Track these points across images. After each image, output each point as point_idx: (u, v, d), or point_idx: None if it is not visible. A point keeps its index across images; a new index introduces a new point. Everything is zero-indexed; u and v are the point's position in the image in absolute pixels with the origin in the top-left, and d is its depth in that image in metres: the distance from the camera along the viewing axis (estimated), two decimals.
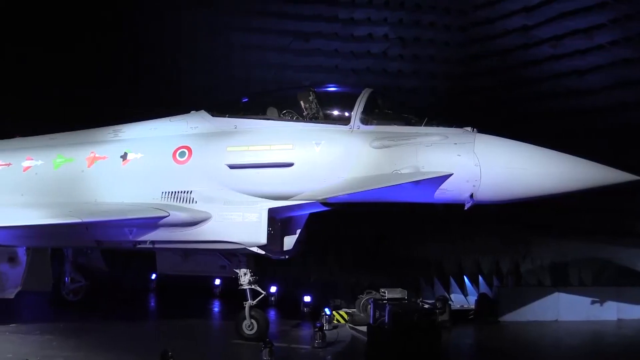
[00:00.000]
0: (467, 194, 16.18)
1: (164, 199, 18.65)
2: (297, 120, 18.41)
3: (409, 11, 28.57)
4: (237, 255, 19.19)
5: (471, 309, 23.14)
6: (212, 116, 19.32)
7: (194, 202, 18.36)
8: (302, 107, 18.38)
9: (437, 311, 19.31)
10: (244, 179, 18.01)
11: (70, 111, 27.80)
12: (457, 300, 24.75)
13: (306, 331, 20.31)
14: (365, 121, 17.51)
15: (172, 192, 18.61)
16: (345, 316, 21.58)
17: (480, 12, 27.35)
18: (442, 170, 16.26)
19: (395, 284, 19.70)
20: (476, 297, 23.74)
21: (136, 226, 18.71)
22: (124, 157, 19.39)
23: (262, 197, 17.86)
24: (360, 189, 16.84)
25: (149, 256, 22.30)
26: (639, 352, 19.48)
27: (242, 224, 17.85)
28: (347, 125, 17.58)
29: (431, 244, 26.44)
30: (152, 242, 18.90)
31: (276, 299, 24.42)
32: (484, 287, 24.89)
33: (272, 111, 18.84)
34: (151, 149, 19.34)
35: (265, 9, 29.17)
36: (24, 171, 20.43)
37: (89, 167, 19.68)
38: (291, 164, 17.51)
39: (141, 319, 23.02)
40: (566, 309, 22.64)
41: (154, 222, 18.28)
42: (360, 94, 18.01)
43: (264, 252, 18.23)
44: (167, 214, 18.03)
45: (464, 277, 25.49)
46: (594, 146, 21.96)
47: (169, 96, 27.52)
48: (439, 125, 17.10)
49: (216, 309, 24.97)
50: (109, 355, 17.09)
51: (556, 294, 22.82)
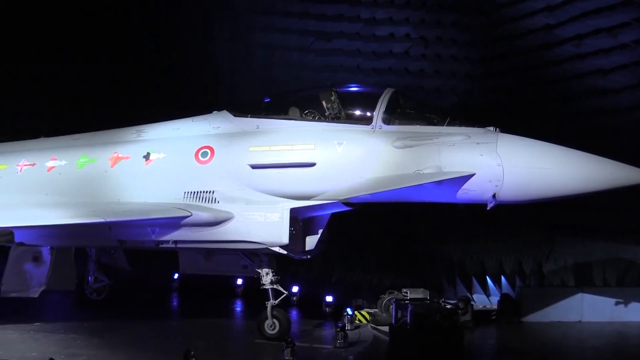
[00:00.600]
0: (490, 194, 16.12)
1: (186, 198, 18.72)
2: (319, 120, 18.41)
3: (431, 11, 28.42)
4: (259, 255, 19.19)
5: (494, 310, 23.02)
6: (234, 116, 19.36)
7: (216, 202, 18.41)
8: (324, 107, 18.39)
9: (460, 311, 19.20)
10: (266, 179, 18.04)
11: (93, 111, 28.05)
12: (480, 300, 24.65)
13: (328, 331, 20.30)
14: (387, 121, 17.49)
15: (195, 192, 18.68)
16: (367, 316, 21.53)
17: (502, 12, 27.13)
18: (464, 170, 16.20)
19: (417, 284, 19.71)
20: (499, 298, 23.63)
21: (159, 226, 18.80)
22: (147, 157, 19.49)
23: (284, 197, 17.88)
24: (382, 189, 16.81)
25: (171, 256, 22.44)
26: None
27: (264, 224, 17.87)
28: (369, 125, 17.57)
29: (453, 244, 26.38)
30: (175, 242, 19.00)
31: (298, 299, 24.47)
32: (506, 287, 24.76)
33: (294, 111, 18.86)
34: (174, 149, 19.43)
35: (287, 9, 29.20)
36: (48, 171, 20.58)
37: (112, 167, 19.81)
38: (313, 164, 17.52)
39: (164, 319, 23.12)
40: (590, 310, 22.47)
41: (176, 222, 18.36)
42: (382, 93, 17.99)
43: (285, 252, 18.25)
44: (190, 214, 18.09)
45: (487, 277, 25.38)
46: (617, 146, 21.86)
47: (192, 96, 27.64)
48: (461, 125, 17.04)
49: (238, 309, 25.03)
50: (132, 354, 17.17)
51: (580, 295, 22.65)
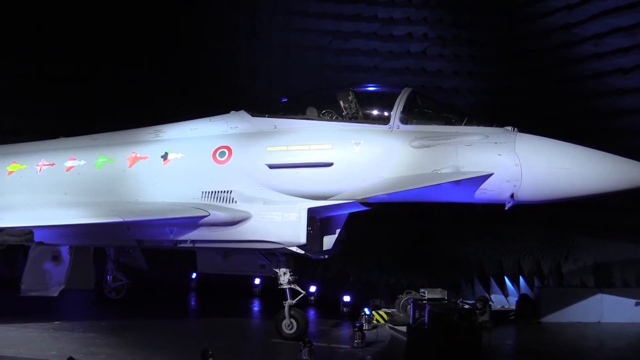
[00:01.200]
0: (508, 194, 16.07)
1: (204, 198, 18.77)
2: (337, 120, 18.41)
3: (448, 10, 28.40)
4: (277, 254, 19.23)
5: (512, 310, 22.93)
6: (252, 116, 19.39)
7: (234, 201, 18.45)
8: (342, 106, 18.40)
9: (478, 312, 19.11)
10: (283, 179, 18.06)
11: (111, 112, 28.19)
12: (498, 300, 24.56)
13: (345, 331, 20.29)
14: (404, 121, 17.47)
15: (212, 192, 18.73)
16: (384, 316, 21.50)
17: (521, 10, 27.05)
18: (482, 170, 16.17)
19: (435, 284, 19.64)
20: (517, 298, 23.52)
21: (177, 226, 18.88)
22: (165, 157, 19.56)
23: (301, 196, 17.89)
24: (400, 188, 16.79)
25: (189, 255, 22.52)
26: None
27: (282, 224, 17.89)
28: (386, 124, 17.56)
29: (471, 244, 26.28)
30: (193, 242, 19.07)
31: (315, 299, 24.42)
32: (524, 287, 24.64)
33: (311, 111, 18.87)
34: (191, 149, 19.48)
35: (305, 9, 29.22)
36: (67, 171, 20.68)
37: (130, 167, 19.89)
38: (330, 164, 17.53)
39: (181, 318, 23.23)
40: (609, 310, 22.29)
41: (194, 222, 18.43)
42: (399, 93, 17.96)
43: (303, 252, 18.28)
44: (208, 214, 18.14)
45: (505, 277, 25.27)
46: (637, 145, 21.71)
47: (209, 96, 27.71)
48: (479, 124, 17.00)
49: (256, 308, 25.07)
50: (150, 353, 17.24)
51: (599, 295, 22.49)
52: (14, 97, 29.61)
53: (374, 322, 21.06)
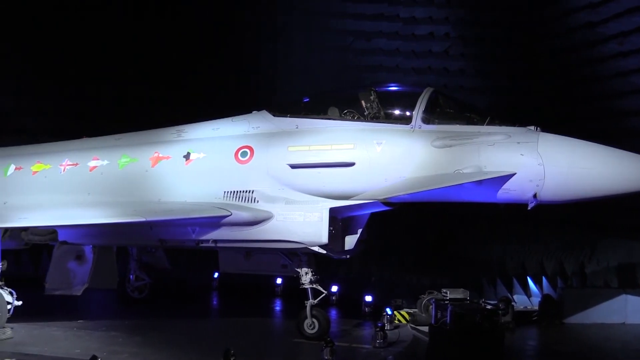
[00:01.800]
0: (531, 194, 15.99)
1: (226, 198, 18.80)
2: (358, 119, 18.38)
3: (470, 9, 28.30)
4: (299, 254, 19.22)
5: (535, 310, 22.78)
6: (274, 116, 19.39)
7: (256, 201, 18.47)
8: (363, 106, 18.35)
9: (500, 312, 19.04)
10: (305, 179, 18.06)
11: (134, 112, 28.34)
12: (520, 301, 24.41)
13: (367, 331, 20.26)
14: (426, 120, 17.42)
15: (234, 192, 18.76)
16: (406, 316, 21.44)
17: (544, 9, 26.89)
18: (504, 169, 16.09)
19: (457, 284, 19.55)
20: (540, 298, 23.39)
21: (199, 225, 18.95)
22: (187, 157, 19.60)
23: (323, 196, 17.89)
24: (421, 188, 16.74)
25: (211, 255, 22.58)
26: None
27: (304, 224, 17.89)
28: (408, 124, 17.51)
29: (493, 244, 26.16)
30: (215, 241, 19.13)
31: (337, 299, 24.42)
32: (547, 288, 24.48)
33: (333, 111, 18.83)
34: (214, 149, 19.52)
35: (326, 9, 29.23)
36: (91, 171, 20.75)
37: (152, 166, 19.95)
38: (352, 164, 17.51)
39: (204, 318, 23.31)
40: (634, 311, 22.05)
41: (216, 222, 18.46)
42: (421, 93, 17.90)
43: (325, 252, 18.26)
44: (230, 214, 18.16)
45: (527, 277, 25.12)
46: None
47: (231, 96, 27.82)
48: (501, 124, 16.90)
49: (277, 308, 25.12)
50: (173, 352, 17.29)
51: (623, 296, 22.27)
52: (39, 98, 29.90)
53: (396, 322, 21.01)
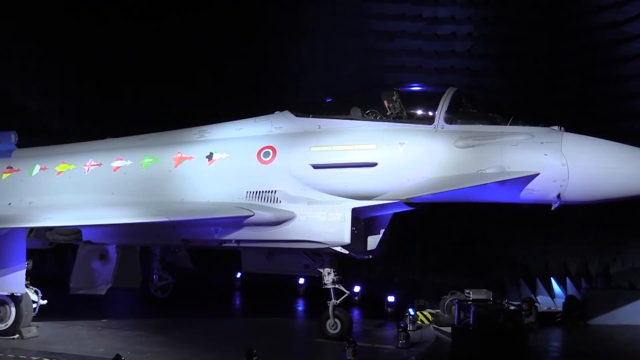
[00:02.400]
0: (554, 194, 15.91)
1: (248, 198, 18.83)
2: (381, 120, 18.36)
3: (493, 9, 28.19)
4: (321, 254, 19.26)
5: (559, 311, 22.63)
6: (296, 116, 19.41)
7: (278, 201, 18.49)
8: (386, 106, 18.31)
9: (523, 313, 18.93)
10: (327, 179, 18.07)
11: (157, 112, 28.50)
12: (544, 302, 24.23)
13: (390, 331, 20.22)
14: (449, 120, 17.38)
15: (257, 192, 18.79)
16: (429, 317, 21.39)
17: (567, 8, 26.74)
18: (528, 170, 16.03)
19: (480, 284, 19.50)
20: (564, 299, 23.24)
21: (222, 225, 18.99)
22: (210, 157, 19.66)
23: (345, 196, 17.88)
24: (444, 188, 16.70)
25: (234, 255, 22.65)
26: None
27: (326, 224, 17.88)
28: (431, 124, 17.48)
29: (517, 244, 25.98)
30: (237, 241, 19.15)
31: (360, 299, 24.42)
32: (571, 289, 24.32)
33: (355, 111, 18.83)
34: (236, 149, 19.56)
35: (349, 9, 29.23)
36: (114, 171, 20.84)
37: (175, 167, 20.03)
38: (375, 164, 17.50)
39: (226, 317, 23.34)
40: None
41: (239, 222, 18.49)
42: (444, 93, 17.87)
43: (347, 252, 18.27)
44: (252, 214, 18.19)
45: (551, 278, 24.96)
46: None
47: (254, 96, 27.86)
48: (524, 124, 16.84)
49: (300, 308, 25.13)
50: (196, 351, 17.34)
51: None
52: (64, 98, 30.15)
53: (419, 322, 20.93)
